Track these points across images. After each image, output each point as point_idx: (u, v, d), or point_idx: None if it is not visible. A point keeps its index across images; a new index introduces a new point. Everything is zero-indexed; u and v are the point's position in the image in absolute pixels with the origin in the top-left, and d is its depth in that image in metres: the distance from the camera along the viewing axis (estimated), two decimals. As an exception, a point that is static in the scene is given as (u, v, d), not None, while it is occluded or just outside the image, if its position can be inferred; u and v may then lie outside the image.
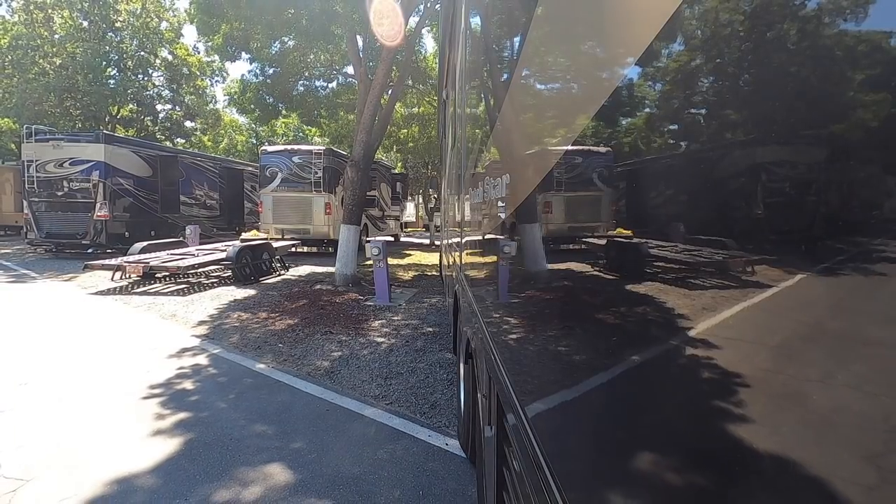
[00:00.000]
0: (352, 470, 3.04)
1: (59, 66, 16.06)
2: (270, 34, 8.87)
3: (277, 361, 5.15)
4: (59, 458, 3.07)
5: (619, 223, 0.79)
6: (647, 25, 0.61)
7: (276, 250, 11.77)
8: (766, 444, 0.40)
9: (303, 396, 4.24)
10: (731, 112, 0.46)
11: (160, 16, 18.32)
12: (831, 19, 0.37)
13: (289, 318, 6.94)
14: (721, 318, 0.47)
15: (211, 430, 3.52)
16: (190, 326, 6.52)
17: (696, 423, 0.50)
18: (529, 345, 1.24)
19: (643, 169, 0.68)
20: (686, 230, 0.58)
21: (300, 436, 3.48)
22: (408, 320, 7.08)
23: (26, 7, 15.79)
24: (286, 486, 2.84)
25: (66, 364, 4.84)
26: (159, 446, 3.26)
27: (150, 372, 4.69)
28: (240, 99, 13.99)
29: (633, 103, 0.71)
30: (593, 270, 0.88)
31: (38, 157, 13.16)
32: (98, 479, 2.84)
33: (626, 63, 0.69)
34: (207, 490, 2.78)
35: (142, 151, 14.59)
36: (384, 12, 8.69)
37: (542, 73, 1.18)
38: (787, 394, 0.39)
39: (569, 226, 1.04)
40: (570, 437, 0.89)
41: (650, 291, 0.66)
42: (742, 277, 0.45)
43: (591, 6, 0.85)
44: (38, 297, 8.17)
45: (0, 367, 4.66)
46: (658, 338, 0.61)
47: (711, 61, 0.50)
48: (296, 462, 3.11)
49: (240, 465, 3.06)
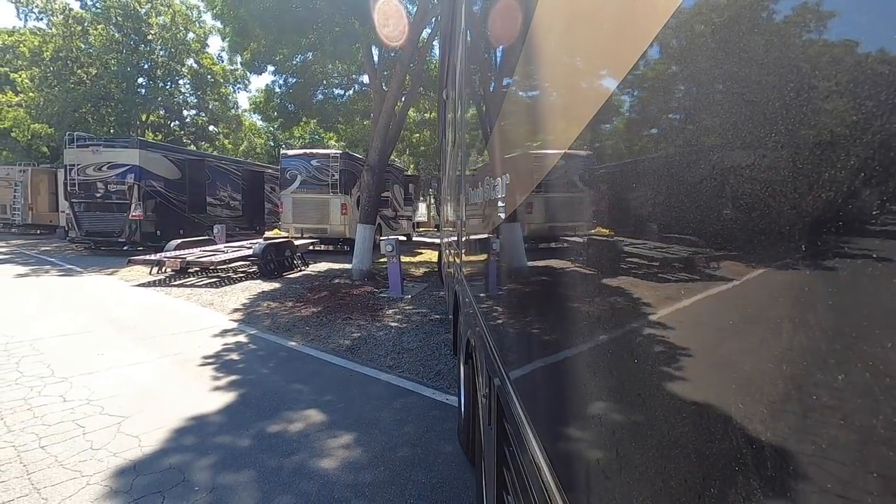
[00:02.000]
0: (372, 414, 3.88)
1: (94, 76, 17.26)
2: (295, 51, 9.77)
3: (306, 340, 6.02)
4: (145, 403, 3.96)
5: (619, 223, 0.77)
6: (647, 23, 0.61)
7: (297, 248, 12.70)
8: (763, 438, 0.40)
9: (329, 366, 5.10)
10: (727, 116, 0.46)
11: (188, 27, 19.48)
12: (798, 29, 0.39)
13: (312, 307, 7.82)
14: (729, 317, 0.47)
15: (258, 387, 4.39)
16: (227, 313, 7.43)
17: (696, 423, 0.50)
18: (530, 345, 1.23)
19: (646, 170, 0.66)
20: (688, 232, 0.55)
21: (329, 392, 4.33)
22: (417, 309, 7.92)
23: (65, 21, 16.98)
24: (321, 424, 3.69)
25: (131, 339, 5.76)
26: (220, 397, 4.13)
27: (200, 347, 5.59)
28: (264, 107, 14.99)
29: (634, 103, 0.70)
30: (593, 271, 0.86)
31: (78, 162, 14.30)
32: (179, 417, 3.71)
33: (627, 63, 0.68)
34: (262, 425, 3.64)
35: (172, 155, 15.67)
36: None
37: (542, 73, 1.15)
38: (785, 391, 0.38)
39: (569, 226, 1.02)
40: (571, 437, 0.88)
41: (651, 291, 0.65)
42: (765, 284, 0.42)
43: (591, 6, 0.85)
44: (90, 289, 9.17)
45: (79, 342, 5.59)
46: (660, 339, 0.61)
47: (698, 68, 0.51)
48: (327, 409, 3.96)
49: (284, 410, 3.92)
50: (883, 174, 0.31)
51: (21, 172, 22.18)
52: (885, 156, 0.31)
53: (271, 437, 3.45)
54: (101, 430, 3.48)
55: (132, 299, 8.28)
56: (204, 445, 3.31)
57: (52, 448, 3.20)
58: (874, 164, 0.32)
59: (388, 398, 4.25)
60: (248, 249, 11.70)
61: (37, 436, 3.35)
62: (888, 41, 0.30)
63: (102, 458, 3.10)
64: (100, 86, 17.00)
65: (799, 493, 0.37)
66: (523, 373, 1.27)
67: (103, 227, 14.48)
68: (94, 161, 14.27)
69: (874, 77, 0.31)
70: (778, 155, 0.39)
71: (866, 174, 0.32)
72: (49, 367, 4.70)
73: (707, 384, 0.50)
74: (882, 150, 0.31)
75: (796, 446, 0.37)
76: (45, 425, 3.52)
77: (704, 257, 0.52)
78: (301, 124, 18.34)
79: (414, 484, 2.94)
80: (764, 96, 0.41)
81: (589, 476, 0.79)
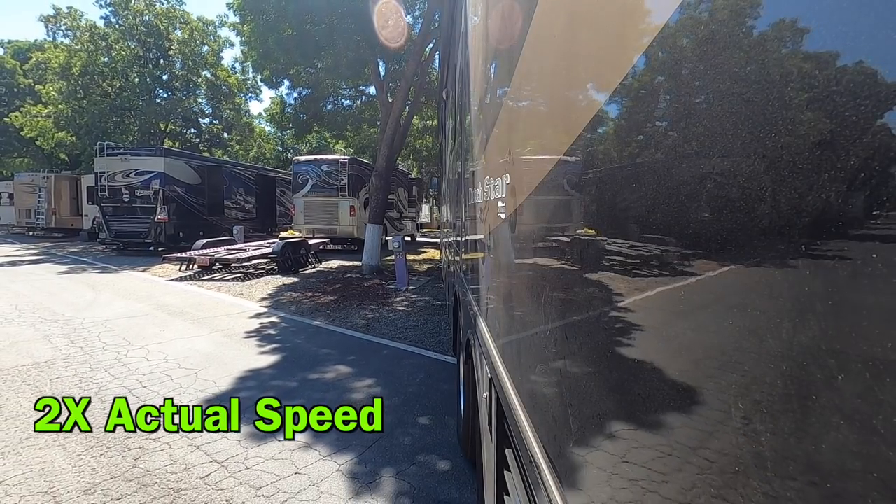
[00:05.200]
0: (387, 367, 5.02)
1: (118, 89, 18.54)
2: (310, 68, 10.97)
3: (328, 320, 7.16)
4: (211, 362, 5.10)
5: (619, 224, 0.75)
6: (648, 20, 0.61)
7: (311, 247, 13.86)
8: (763, 438, 0.40)
9: (350, 338, 6.24)
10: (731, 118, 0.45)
11: (204, 41, 20.78)
12: (779, 38, 0.39)
13: (329, 296, 8.97)
14: (729, 317, 0.47)
15: (295, 352, 5.53)
16: (256, 301, 8.58)
17: (697, 423, 0.50)
18: (530, 345, 1.23)
19: (646, 171, 0.64)
20: (687, 233, 0.55)
21: (352, 354, 5.47)
22: (421, 297, 9.06)
23: (92, 38, 18.26)
24: (348, 374, 4.82)
25: (183, 320, 6.91)
26: (267, 358, 5.27)
27: (241, 325, 6.73)
28: (280, 118, 16.21)
29: (635, 103, 0.68)
30: (593, 271, 0.85)
31: (108, 169, 15.56)
32: (239, 369, 4.85)
33: (628, 61, 0.67)
34: (304, 374, 4.77)
35: (192, 162, 16.91)
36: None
37: (543, 73, 1.14)
38: (785, 390, 0.38)
39: (568, 227, 1.00)
40: (571, 437, 0.88)
41: (651, 291, 0.64)
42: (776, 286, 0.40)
43: (591, 6, 0.85)
44: (131, 283, 10.35)
45: (141, 322, 6.75)
46: (660, 339, 0.60)
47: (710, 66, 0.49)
48: (352, 364, 5.09)
49: (318, 365, 5.05)
50: (853, 179, 0.32)
51: (45, 179, 23.52)
52: (859, 161, 0.32)
53: (313, 381, 4.59)
54: (184, 377, 4.62)
55: (172, 290, 9.44)
56: (263, 386, 4.44)
57: (153, 387, 4.34)
58: (846, 172, 0.33)
59: (398, 358, 5.39)
60: (267, 248, 12.88)
61: (138, 381, 4.50)
62: (874, 45, 0.31)
63: (191, 393, 4.24)
64: (124, 98, 18.30)
65: (799, 493, 0.37)
66: (523, 373, 1.28)
67: (131, 229, 15.72)
68: (122, 168, 15.51)
69: (850, 87, 0.33)
70: (777, 155, 0.39)
71: (842, 181, 0.33)
72: (125, 339, 5.86)
73: (707, 384, 0.49)
74: (853, 155, 0.32)
75: (796, 446, 0.37)
76: (140, 375, 4.66)
77: (704, 258, 0.51)
78: (311, 132, 19.54)
79: (420, 404, 4.07)
80: (748, 105, 0.42)
81: (589, 476, 0.79)
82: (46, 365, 4.86)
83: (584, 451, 0.82)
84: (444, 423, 3.77)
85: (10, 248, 17.22)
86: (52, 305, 7.68)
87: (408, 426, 3.69)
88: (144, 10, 18.57)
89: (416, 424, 3.74)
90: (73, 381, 4.44)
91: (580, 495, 0.82)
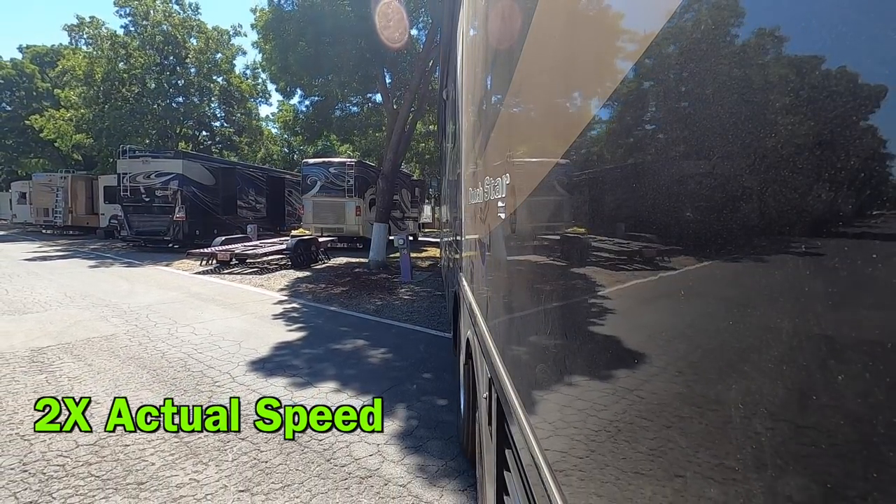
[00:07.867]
0: (396, 341, 6.01)
1: (137, 94, 19.61)
2: (323, 82, 12.05)
3: (342, 306, 8.16)
4: (248, 336, 6.09)
5: (618, 224, 0.76)
6: (647, 20, 0.62)
7: (321, 244, 14.85)
8: (763, 438, 0.40)
9: (363, 320, 7.24)
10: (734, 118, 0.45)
11: (218, 49, 21.86)
12: (759, 48, 0.40)
13: (341, 287, 9.96)
14: (729, 317, 0.46)
15: (318, 330, 6.52)
16: (276, 290, 9.57)
17: (697, 423, 0.50)
18: (530, 345, 1.22)
19: (646, 171, 0.64)
20: (686, 233, 0.54)
21: (365, 332, 6.47)
22: (424, 289, 10.05)
23: (112, 46, 19.33)
24: (363, 345, 5.81)
25: (216, 305, 7.90)
26: (294, 333, 6.26)
27: (268, 310, 7.73)
28: (292, 124, 17.26)
29: (634, 107, 0.69)
30: (593, 271, 0.85)
31: (130, 171, 16.59)
32: (274, 342, 5.84)
33: (625, 66, 0.68)
34: (328, 344, 5.76)
35: (208, 164, 17.94)
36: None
37: (543, 73, 1.13)
38: (784, 390, 0.38)
39: (568, 227, 1.00)
40: (571, 436, 0.88)
41: (651, 291, 0.65)
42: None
43: (588, 12, 0.85)
44: (160, 276, 11.35)
45: (180, 307, 7.75)
46: (661, 339, 0.60)
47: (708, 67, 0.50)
48: (367, 339, 6.09)
49: (338, 339, 6.05)
50: (838, 180, 0.33)
51: (62, 179, 24.54)
52: (842, 161, 0.32)
53: (335, 350, 5.59)
54: (229, 346, 5.61)
55: (199, 282, 10.45)
56: (296, 353, 5.44)
57: (207, 352, 5.33)
58: (829, 173, 0.33)
59: (405, 334, 6.39)
60: (281, 245, 13.87)
61: (193, 348, 5.49)
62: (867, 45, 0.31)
63: (239, 356, 5.23)
64: (143, 103, 19.36)
65: (799, 492, 0.36)
66: (523, 373, 1.27)
67: (150, 227, 16.74)
68: (143, 170, 16.54)
69: (831, 90, 0.33)
70: (767, 157, 0.39)
71: (828, 181, 0.33)
72: (171, 319, 6.86)
73: (707, 384, 0.49)
74: (842, 157, 0.33)
75: (796, 446, 0.37)
76: (192, 345, 5.65)
77: (704, 258, 0.51)
78: (321, 137, 20.57)
79: (425, 366, 5.07)
80: (748, 106, 0.43)
81: (589, 476, 0.79)
82: (113, 338, 5.85)
83: (584, 452, 0.82)
84: (442, 378, 4.75)
85: (33, 245, 18.24)
86: (97, 293, 8.68)
87: (415, 379, 4.69)
88: (162, 21, 19.67)
89: (422, 378, 4.73)
90: (139, 349, 5.44)
91: (580, 495, 0.82)
